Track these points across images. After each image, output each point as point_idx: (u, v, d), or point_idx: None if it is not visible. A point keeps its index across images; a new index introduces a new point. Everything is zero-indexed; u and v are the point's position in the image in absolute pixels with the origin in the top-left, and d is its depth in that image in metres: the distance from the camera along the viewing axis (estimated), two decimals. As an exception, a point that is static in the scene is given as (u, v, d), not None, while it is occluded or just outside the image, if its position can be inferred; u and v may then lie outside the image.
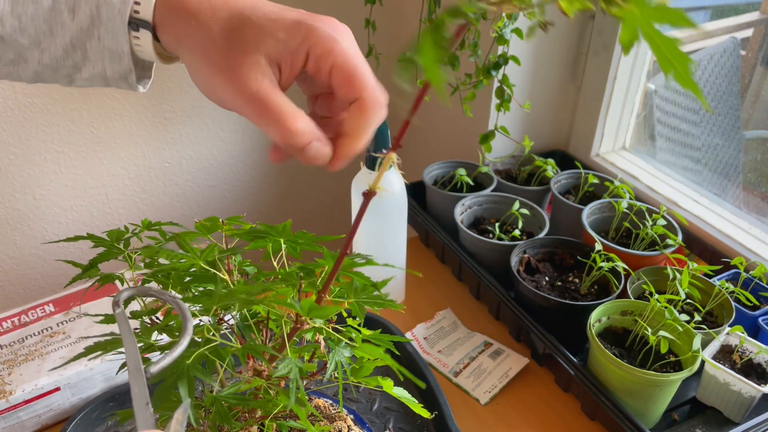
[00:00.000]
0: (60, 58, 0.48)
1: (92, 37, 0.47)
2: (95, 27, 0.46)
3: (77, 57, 0.47)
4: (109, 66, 0.48)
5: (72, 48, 0.47)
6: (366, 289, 0.49)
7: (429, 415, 0.56)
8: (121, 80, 0.49)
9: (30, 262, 1.24)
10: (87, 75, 0.49)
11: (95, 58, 0.47)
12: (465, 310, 0.99)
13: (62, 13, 0.46)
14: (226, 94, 0.44)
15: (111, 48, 0.47)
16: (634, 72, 1.16)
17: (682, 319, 0.77)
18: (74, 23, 0.46)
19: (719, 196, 1.10)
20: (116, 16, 0.46)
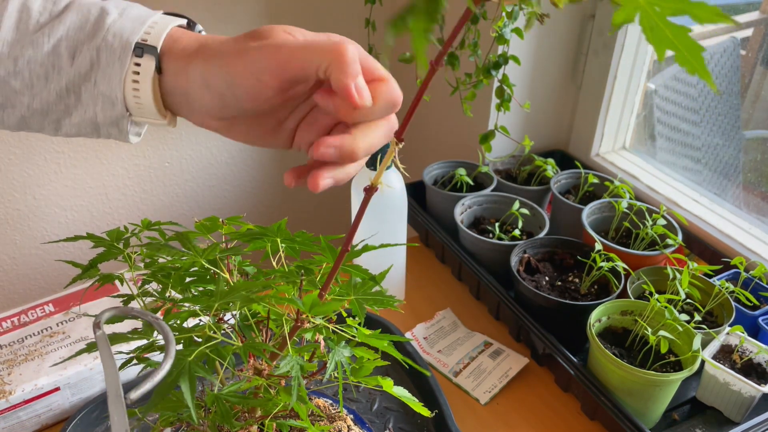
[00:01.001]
0: (52, 103, 0.46)
1: (88, 81, 0.45)
2: (93, 71, 0.45)
3: (70, 101, 0.46)
4: (101, 111, 0.46)
5: (66, 92, 0.46)
6: (366, 284, 0.49)
7: (429, 414, 0.56)
8: (112, 126, 0.47)
9: (30, 262, 1.24)
10: (77, 120, 0.47)
11: (88, 103, 0.46)
12: (465, 310, 0.99)
13: (61, 58, 0.45)
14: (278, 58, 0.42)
15: (105, 93, 0.45)
16: (634, 72, 1.16)
17: (682, 319, 0.77)
18: (72, 68, 0.45)
19: (719, 195, 1.10)
20: (116, 60, 0.45)
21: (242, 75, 0.43)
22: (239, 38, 0.44)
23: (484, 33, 1.03)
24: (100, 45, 0.45)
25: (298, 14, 1.26)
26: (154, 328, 0.48)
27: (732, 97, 1.27)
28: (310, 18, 1.27)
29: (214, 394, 0.46)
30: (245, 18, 1.21)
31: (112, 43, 0.45)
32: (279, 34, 0.43)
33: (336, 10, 1.29)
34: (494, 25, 0.95)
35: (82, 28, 0.45)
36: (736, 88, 1.26)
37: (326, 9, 1.27)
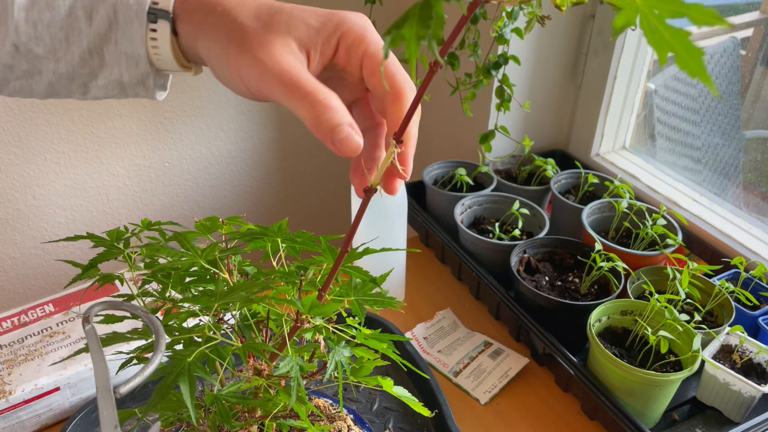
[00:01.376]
0: (77, 66, 0.46)
1: (109, 42, 0.45)
2: (112, 31, 0.45)
3: (94, 63, 0.46)
4: (126, 71, 0.47)
5: (89, 55, 0.46)
6: (366, 286, 0.49)
7: (429, 413, 0.56)
8: (139, 86, 0.48)
9: (30, 261, 1.24)
10: (103, 82, 0.47)
11: (112, 64, 0.46)
12: (465, 310, 0.99)
13: (79, 19, 0.45)
14: (252, 74, 0.42)
15: (128, 52, 0.46)
16: (634, 72, 1.16)
17: (682, 319, 0.77)
18: (91, 29, 0.45)
19: (719, 195, 1.10)
20: (133, 17, 0.45)
21: (231, 76, 0.44)
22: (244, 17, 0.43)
23: (484, 33, 1.03)
24: (116, 3, 0.45)
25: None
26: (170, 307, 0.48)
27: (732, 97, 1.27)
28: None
29: (213, 394, 0.46)
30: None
31: (127, 1, 0.45)
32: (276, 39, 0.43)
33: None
34: (494, 25, 0.95)
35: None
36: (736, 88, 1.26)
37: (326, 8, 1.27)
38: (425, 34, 0.27)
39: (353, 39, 0.43)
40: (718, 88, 1.26)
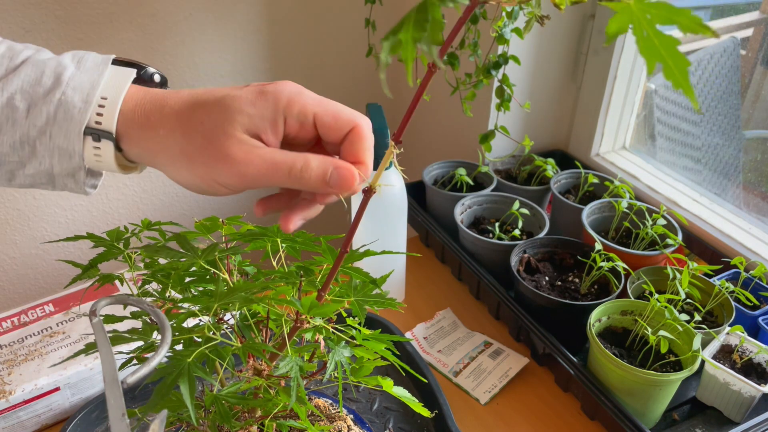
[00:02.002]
0: (5, 154, 0.45)
1: (44, 135, 0.45)
2: (49, 126, 0.44)
3: (24, 153, 0.45)
4: (58, 164, 0.46)
5: (20, 145, 0.45)
6: (366, 287, 0.49)
7: (429, 414, 0.56)
8: (68, 177, 0.47)
9: (30, 261, 1.24)
10: (32, 171, 0.46)
11: (43, 155, 0.45)
12: (465, 310, 0.99)
13: (17, 110, 0.44)
14: (234, 180, 0.44)
15: (62, 146, 0.45)
16: (634, 72, 1.16)
17: (682, 319, 0.77)
18: (27, 121, 0.44)
19: (719, 195, 1.10)
20: (75, 116, 0.44)
21: (208, 184, 0.45)
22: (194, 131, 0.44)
23: (484, 33, 1.03)
24: (59, 100, 0.44)
25: (298, 14, 1.26)
26: (152, 328, 0.48)
27: (732, 97, 1.27)
28: (310, 18, 1.27)
29: (213, 394, 0.46)
30: (245, 18, 1.21)
31: (72, 99, 0.45)
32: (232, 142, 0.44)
33: (336, 10, 1.29)
34: (494, 25, 0.95)
35: (38, 81, 0.45)
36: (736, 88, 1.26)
37: (326, 9, 1.27)
38: (421, 37, 0.27)
39: (298, 109, 0.45)
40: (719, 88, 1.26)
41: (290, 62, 1.30)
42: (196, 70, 1.21)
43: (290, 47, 1.29)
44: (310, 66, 1.32)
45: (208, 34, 1.18)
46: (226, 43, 1.21)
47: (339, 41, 1.32)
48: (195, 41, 1.18)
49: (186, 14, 1.14)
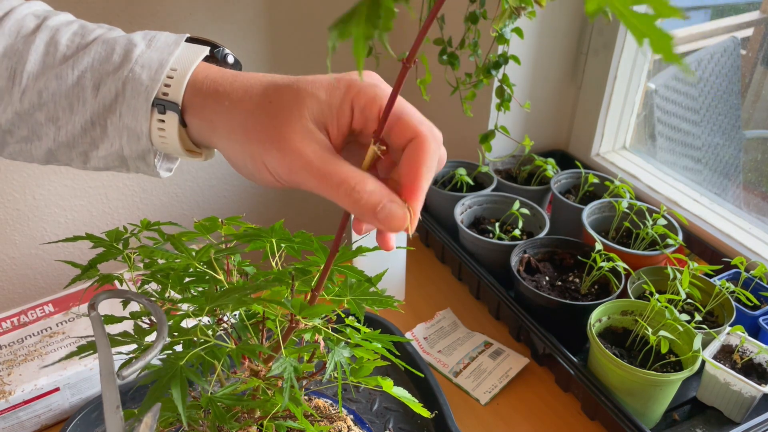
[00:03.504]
0: (77, 135, 0.45)
1: (113, 114, 0.44)
2: (117, 104, 0.44)
3: (96, 134, 0.45)
4: (127, 145, 0.45)
5: (91, 125, 0.45)
6: (362, 285, 0.48)
7: (429, 414, 0.56)
8: (139, 160, 0.46)
9: (29, 262, 1.24)
10: (104, 153, 0.46)
11: (114, 135, 0.45)
12: (465, 310, 0.99)
13: (86, 89, 0.44)
14: (282, 169, 0.41)
15: (130, 126, 0.44)
16: (634, 71, 1.16)
17: (682, 319, 0.76)
18: (96, 100, 0.44)
19: (719, 195, 1.10)
20: (142, 92, 0.44)
21: (257, 168, 0.42)
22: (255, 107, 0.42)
23: (484, 33, 1.03)
24: (127, 77, 0.44)
25: (298, 14, 1.25)
26: (146, 332, 0.48)
27: (732, 97, 1.27)
28: (310, 18, 1.27)
29: (208, 396, 0.46)
30: (245, 18, 1.20)
31: (140, 76, 0.44)
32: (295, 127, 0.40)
33: (336, 10, 1.29)
34: (494, 25, 0.95)
35: (108, 59, 0.45)
36: (737, 88, 1.26)
37: (326, 9, 1.27)
38: (372, 34, 0.26)
39: (365, 101, 0.41)
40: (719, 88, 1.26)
41: (290, 62, 1.30)
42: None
43: (290, 47, 1.29)
44: (310, 66, 1.32)
45: (208, 34, 1.18)
46: (226, 43, 1.21)
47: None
48: (195, 41, 1.17)
49: (186, 14, 1.14)
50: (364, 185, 0.39)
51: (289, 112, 0.41)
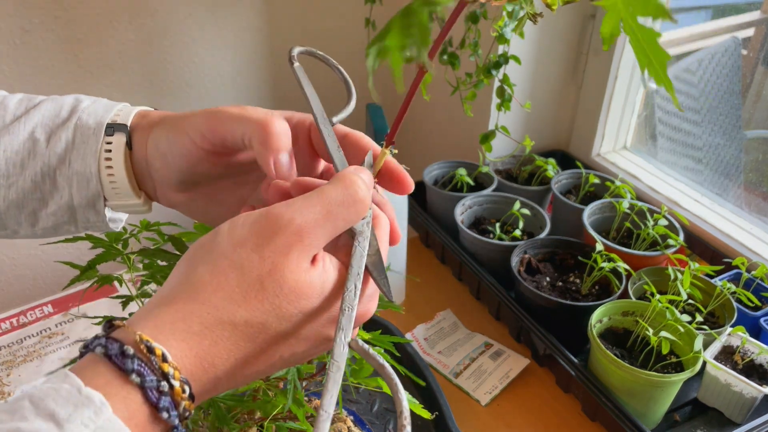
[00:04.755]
0: (27, 191, 0.45)
1: (64, 164, 0.45)
2: (68, 153, 0.45)
3: (45, 188, 0.45)
4: (77, 192, 0.45)
5: (42, 178, 0.45)
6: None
7: (429, 415, 0.56)
8: (89, 208, 0.46)
9: (29, 262, 1.24)
10: (53, 208, 0.46)
11: (63, 186, 0.45)
12: (465, 311, 0.99)
13: (38, 142, 0.45)
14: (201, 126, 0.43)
15: (79, 171, 0.45)
16: (635, 71, 1.16)
17: (683, 320, 0.76)
18: (47, 150, 0.45)
19: (720, 195, 1.10)
20: (90, 136, 0.45)
21: (179, 134, 0.44)
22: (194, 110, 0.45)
23: (484, 32, 1.03)
24: (76, 124, 0.45)
25: (298, 14, 1.25)
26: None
27: (733, 97, 1.27)
28: (310, 18, 1.27)
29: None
30: (244, 18, 1.20)
31: (87, 121, 0.45)
32: (229, 107, 0.43)
33: (336, 10, 1.28)
34: (494, 25, 0.95)
35: (58, 114, 0.46)
36: (737, 88, 1.25)
37: (326, 9, 1.27)
38: (407, 44, 0.26)
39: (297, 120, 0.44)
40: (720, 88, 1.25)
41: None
42: (196, 70, 1.21)
43: (290, 47, 1.29)
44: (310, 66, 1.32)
45: (208, 34, 1.18)
46: (226, 42, 1.21)
47: (339, 41, 1.32)
48: (195, 41, 1.17)
49: (186, 14, 1.14)
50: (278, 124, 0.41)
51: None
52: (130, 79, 1.16)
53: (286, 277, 0.33)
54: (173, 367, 0.31)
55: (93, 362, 0.31)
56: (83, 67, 1.10)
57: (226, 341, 0.33)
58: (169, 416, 0.31)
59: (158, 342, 0.31)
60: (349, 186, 0.36)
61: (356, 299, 0.34)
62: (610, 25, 0.26)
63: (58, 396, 0.29)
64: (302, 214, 0.34)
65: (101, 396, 0.29)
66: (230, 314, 0.33)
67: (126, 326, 0.32)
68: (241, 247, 0.33)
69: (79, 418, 0.29)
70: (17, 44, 1.03)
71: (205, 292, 0.33)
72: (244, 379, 0.35)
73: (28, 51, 1.04)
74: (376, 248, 0.37)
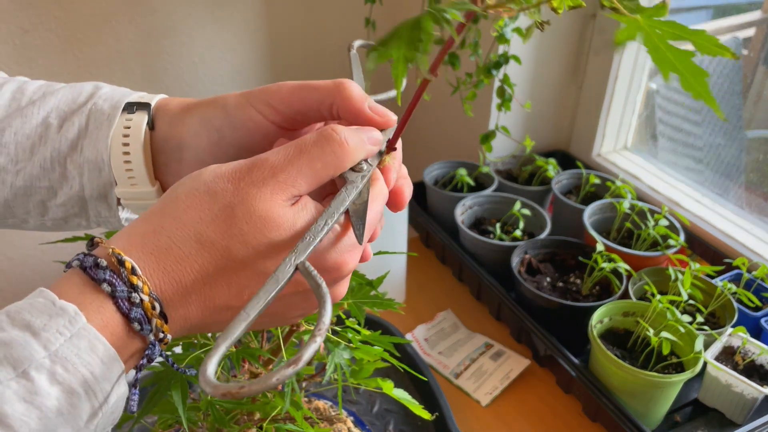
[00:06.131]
0: (35, 178, 0.44)
1: (75, 151, 0.43)
2: (80, 139, 0.43)
3: (54, 176, 0.44)
4: (88, 182, 0.44)
5: (51, 165, 0.44)
6: (362, 288, 0.48)
7: (429, 416, 0.56)
8: (101, 200, 0.45)
9: (28, 263, 1.24)
10: (63, 199, 0.45)
11: (74, 176, 0.44)
12: (465, 311, 0.98)
13: (50, 128, 0.43)
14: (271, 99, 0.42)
15: (91, 159, 0.43)
16: (635, 71, 1.16)
17: (684, 320, 0.76)
18: (59, 135, 0.43)
19: (721, 196, 1.10)
20: (104, 122, 0.43)
21: (242, 108, 0.42)
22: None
23: (484, 32, 1.03)
24: (90, 109, 0.44)
25: (298, 14, 1.25)
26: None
27: (734, 97, 1.26)
28: (309, 18, 1.27)
29: (207, 399, 0.46)
30: (244, 18, 1.20)
31: (102, 106, 0.44)
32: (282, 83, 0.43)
33: (336, 10, 1.28)
34: (495, 25, 0.95)
35: (75, 100, 0.44)
36: (738, 88, 1.25)
37: (326, 9, 1.27)
38: (413, 57, 0.27)
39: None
40: (720, 88, 1.25)
41: (290, 62, 1.30)
42: (196, 70, 1.21)
43: (290, 47, 1.29)
44: (310, 66, 1.32)
45: (208, 34, 1.18)
46: (226, 42, 1.21)
47: (339, 41, 1.32)
48: (194, 41, 1.17)
49: (186, 14, 1.14)
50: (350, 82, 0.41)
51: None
52: (129, 79, 1.15)
53: (256, 207, 0.34)
54: (142, 281, 0.32)
55: (69, 276, 0.33)
56: (83, 67, 1.10)
57: (192, 260, 0.33)
58: (142, 329, 0.32)
59: (129, 256, 0.33)
60: (324, 129, 0.37)
61: (322, 233, 0.34)
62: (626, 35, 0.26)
63: (33, 309, 0.31)
64: (276, 153, 0.35)
65: (75, 307, 0.31)
66: (197, 232, 0.33)
67: (103, 242, 0.34)
68: (219, 177, 0.35)
69: (54, 326, 0.30)
70: (17, 44, 1.03)
71: (178, 209, 0.34)
72: (216, 313, 0.35)
73: (27, 51, 1.04)
74: (364, 200, 0.37)
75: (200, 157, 0.44)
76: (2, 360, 0.29)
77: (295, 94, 0.41)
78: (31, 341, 0.29)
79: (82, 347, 0.30)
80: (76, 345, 0.30)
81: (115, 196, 0.45)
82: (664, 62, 0.26)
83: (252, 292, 0.33)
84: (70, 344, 0.30)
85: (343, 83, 0.40)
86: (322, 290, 0.31)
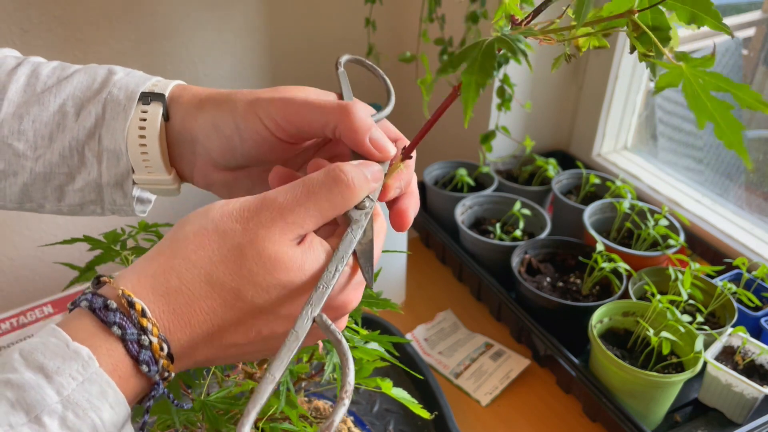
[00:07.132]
0: (54, 165, 0.45)
1: (93, 139, 0.44)
2: (98, 127, 0.44)
3: (73, 163, 0.45)
4: (106, 169, 0.45)
5: (69, 152, 0.44)
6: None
7: (429, 416, 0.56)
8: (117, 188, 0.46)
9: (28, 263, 1.24)
10: (80, 184, 0.45)
11: (91, 162, 0.45)
12: (466, 311, 0.98)
13: (67, 116, 0.44)
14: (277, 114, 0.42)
15: (109, 147, 0.44)
16: (635, 71, 1.16)
17: (684, 320, 0.76)
18: (77, 124, 0.44)
19: (721, 196, 1.10)
20: (120, 112, 0.44)
21: (250, 119, 0.42)
22: (251, 90, 0.44)
23: (485, 32, 1.03)
24: (106, 98, 0.44)
25: (298, 14, 1.25)
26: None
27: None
28: (309, 18, 1.27)
29: (201, 400, 0.46)
30: (244, 18, 1.20)
31: (118, 96, 0.44)
32: (291, 89, 0.43)
33: (336, 10, 1.28)
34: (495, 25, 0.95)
35: (90, 86, 0.45)
36: (738, 88, 1.25)
37: (326, 8, 1.27)
38: (486, 83, 0.27)
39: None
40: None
41: (290, 62, 1.30)
42: (196, 70, 1.21)
43: (290, 47, 1.29)
44: (310, 66, 1.32)
45: (208, 34, 1.18)
46: (226, 43, 1.21)
47: (339, 41, 1.32)
48: (194, 41, 1.17)
49: (186, 14, 1.14)
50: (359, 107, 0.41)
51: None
52: (130, 80, 1.15)
53: (266, 247, 0.34)
54: (152, 323, 0.32)
55: (78, 316, 0.33)
56: (83, 67, 1.10)
57: (202, 301, 0.33)
58: (150, 370, 0.32)
59: (139, 298, 0.32)
60: (332, 170, 0.37)
61: (334, 280, 0.34)
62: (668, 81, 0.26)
63: (46, 350, 0.31)
64: (284, 193, 0.35)
65: (89, 351, 0.31)
66: (207, 273, 0.33)
67: (111, 282, 0.34)
68: (228, 217, 0.35)
69: (67, 371, 0.30)
70: (17, 44, 1.03)
71: (187, 249, 0.34)
72: (223, 350, 0.35)
73: (28, 51, 1.04)
74: (369, 238, 0.37)
75: (212, 156, 0.45)
76: (15, 404, 0.29)
77: (301, 115, 0.41)
78: (45, 385, 0.29)
79: (93, 392, 0.30)
80: (87, 390, 0.30)
81: (131, 186, 0.46)
82: (703, 111, 0.26)
83: (260, 331, 0.34)
84: (81, 389, 0.30)
85: (348, 109, 0.40)
86: (343, 347, 0.32)
